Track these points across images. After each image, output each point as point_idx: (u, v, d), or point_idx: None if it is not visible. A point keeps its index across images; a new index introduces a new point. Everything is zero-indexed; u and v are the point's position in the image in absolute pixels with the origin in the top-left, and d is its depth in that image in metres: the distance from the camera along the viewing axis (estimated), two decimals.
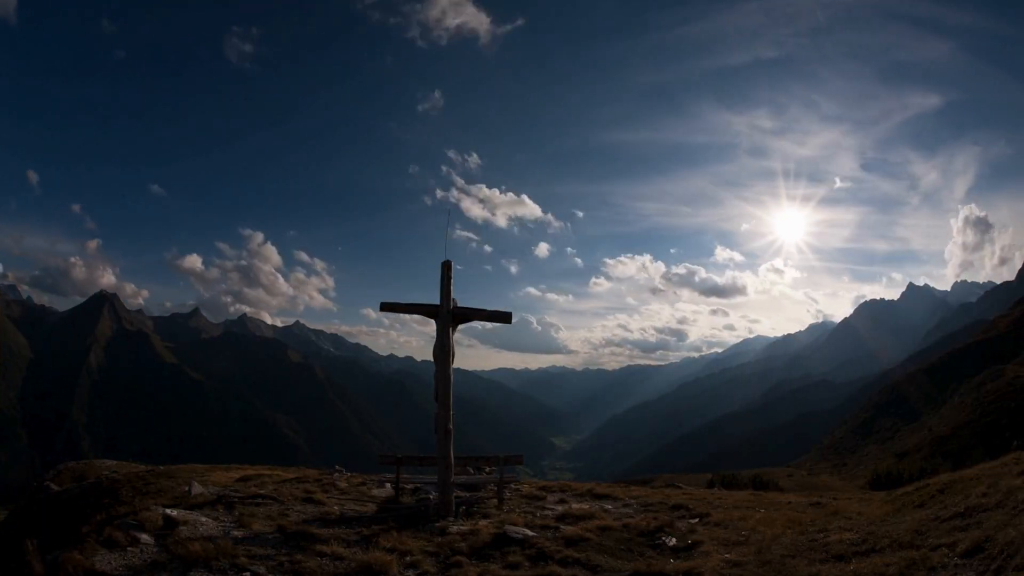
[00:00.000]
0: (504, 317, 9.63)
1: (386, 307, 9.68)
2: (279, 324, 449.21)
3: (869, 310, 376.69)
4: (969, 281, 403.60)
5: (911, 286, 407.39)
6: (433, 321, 9.50)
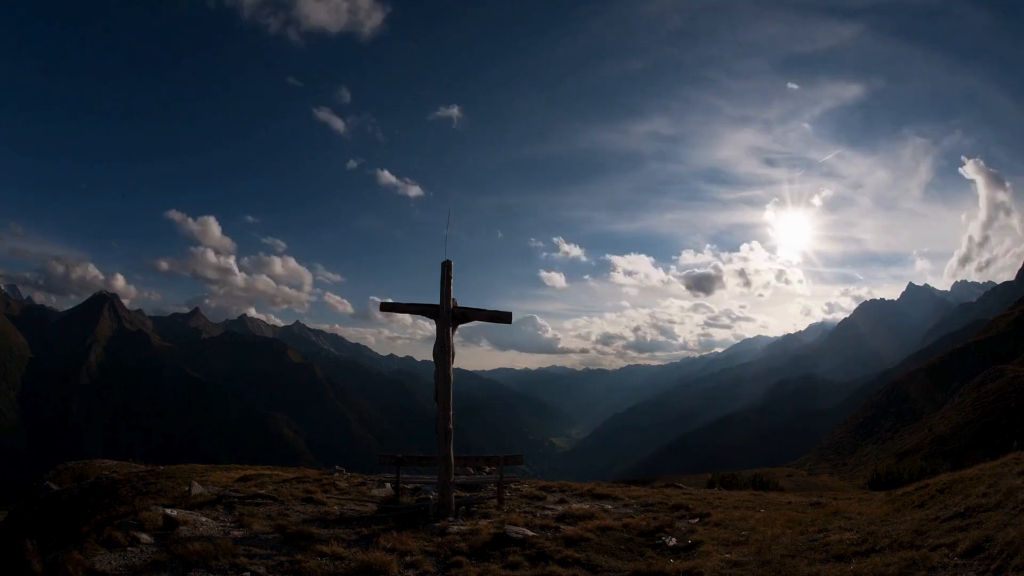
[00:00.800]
0: (504, 317, 9.60)
1: (386, 307, 9.65)
2: (279, 324, 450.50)
3: (869, 310, 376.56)
4: (969, 281, 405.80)
5: (911, 286, 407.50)
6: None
